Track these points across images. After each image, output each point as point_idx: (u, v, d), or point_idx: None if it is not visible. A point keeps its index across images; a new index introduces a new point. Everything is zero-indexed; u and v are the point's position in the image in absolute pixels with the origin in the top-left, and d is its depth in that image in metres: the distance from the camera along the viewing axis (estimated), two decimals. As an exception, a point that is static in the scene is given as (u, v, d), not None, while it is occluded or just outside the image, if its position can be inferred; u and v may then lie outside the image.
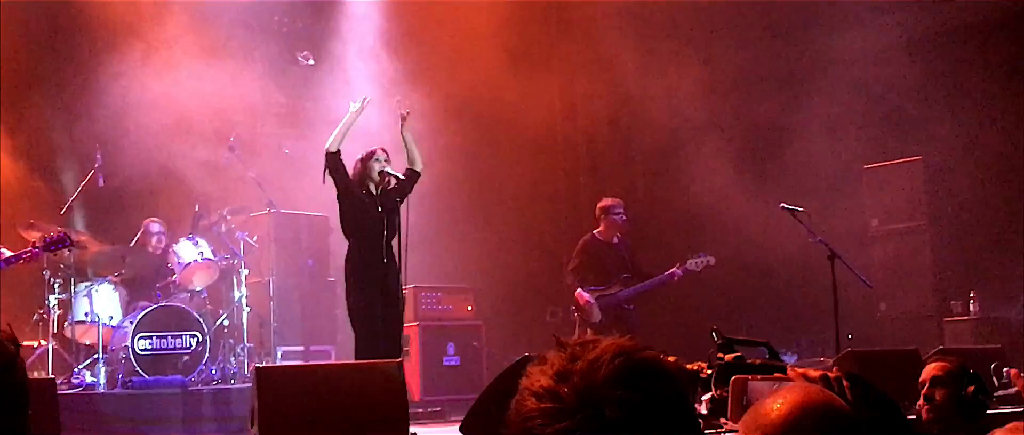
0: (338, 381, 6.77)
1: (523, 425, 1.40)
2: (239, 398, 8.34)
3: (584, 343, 1.44)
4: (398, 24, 12.07)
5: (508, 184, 12.56)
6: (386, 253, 7.97)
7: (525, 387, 1.43)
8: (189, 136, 10.32)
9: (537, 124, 12.72)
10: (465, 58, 11.60)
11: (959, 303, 10.72)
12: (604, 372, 1.38)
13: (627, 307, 10.01)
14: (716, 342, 5.66)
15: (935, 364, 4.44)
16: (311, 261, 11.16)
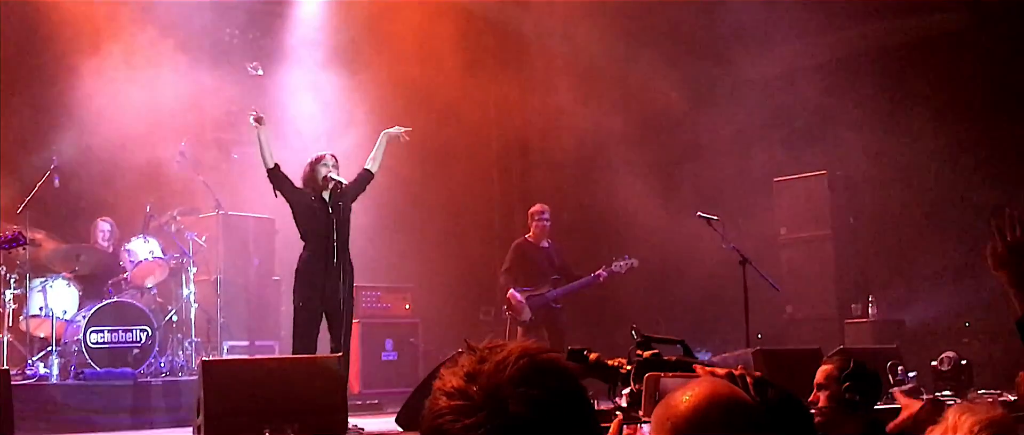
0: (281, 374, 6.74)
1: (434, 422, 1.41)
2: (186, 389, 8.26)
3: (492, 347, 1.45)
4: (342, 37, 12.03)
5: (445, 189, 12.54)
6: (334, 255, 7.90)
7: (437, 387, 1.44)
8: (142, 140, 10.19)
9: (473, 133, 12.73)
10: (405, 68, 11.57)
11: (859, 306, 10.91)
12: (509, 372, 1.39)
13: (556, 306, 10.04)
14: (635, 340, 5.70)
15: (821, 368, 4.49)
16: (257, 260, 11.08)
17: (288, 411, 6.24)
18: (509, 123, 13.83)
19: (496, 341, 1.48)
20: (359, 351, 10.52)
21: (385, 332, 11.03)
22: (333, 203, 8.01)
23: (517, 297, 9.94)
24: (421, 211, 12.27)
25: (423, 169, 11.92)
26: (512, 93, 13.41)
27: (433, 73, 11.61)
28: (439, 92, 11.67)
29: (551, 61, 12.62)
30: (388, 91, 11.51)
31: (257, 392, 6.36)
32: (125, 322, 9.06)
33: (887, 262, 11.36)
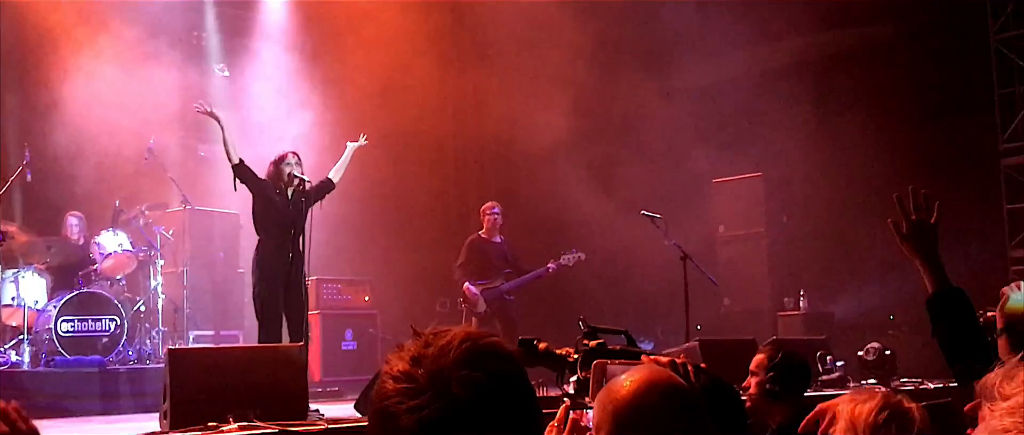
0: (245, 362, 6.68)
1: (382, 404, 1.39)
2: (154, 377, 8.16)
3: (436, 332, 1.45)
4: (305, 39, 11.99)
5: (404, 188, 12.53)
6: (292, 248, 7.88)
7: (385, 371, 1.43)
8: (112, 137, 10.10)
9: (431, 133, 12.73)
10: (366, 70, 11.52)
11: (791, 300, 11.04)
12: (453, 356, 1.39)
13: (508, 298, 10.08)
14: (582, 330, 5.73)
15: (756, 358, 4.55)
16: (222, 254, 11.01)
17: (251, 397, 6.19)
18: (466, 125, 13.85)
19: (440, 327, 1.47)
20: (320, 341, 10.52)
21: (345, 323, 11.01)
22: (294, 200, 7.99)
23: (472, 290, 9.96)
24: (381, 208, 12.25)
25: (384, 168, 11.89)
26: (469, 97, 13.44)
27: (395, 75, 11.59)
28: (400, 94, 11.66)
29: (506, 67, 12.63)
30: (350, 92, 11.49)
31: (221, 379, 6.29)
32: (94, 312, 8.97)
33: (818, 258, 11.50)
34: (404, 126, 12.01)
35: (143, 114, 10.39)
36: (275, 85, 11.84)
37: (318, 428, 5.95)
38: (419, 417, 1.36)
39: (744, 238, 11.53)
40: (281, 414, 6.12)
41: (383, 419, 1.39)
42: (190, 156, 11.34)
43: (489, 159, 13.86)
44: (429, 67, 11.93)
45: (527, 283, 10.13)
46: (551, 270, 9.99)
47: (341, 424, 6.20)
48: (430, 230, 13.12)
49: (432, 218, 13.32)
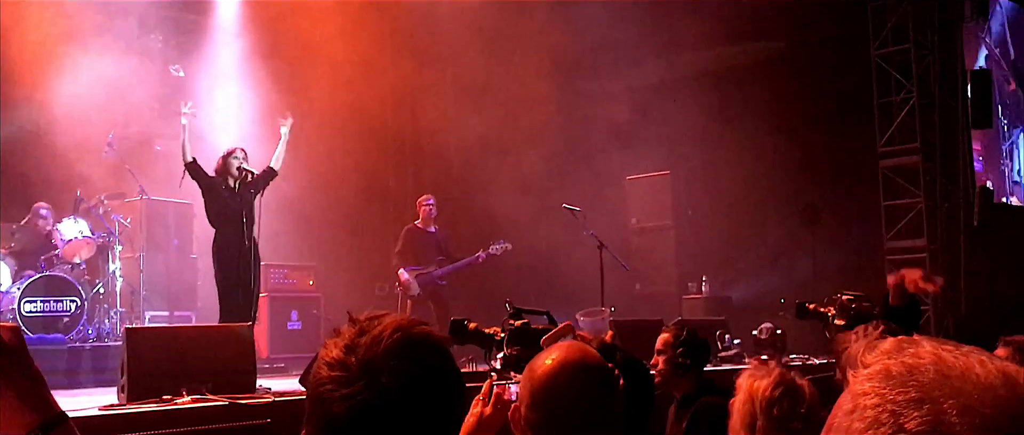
0: (197, 340, 6.60)
1: (317, 389, 1.35)
2: (112, 354, 8.01)
3: (371, 319, 1.40)
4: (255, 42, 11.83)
5: (347, 180, 12.42)
6: (246, 237, 7.82)
7: (321, 356, 1.38)
8: (75, 131, 9.88)
9: (373, 128, 12.65)
10: (313, 69, 11.41)
11: (694, 284, 11.19)
12: (384, 346, 1.34)
13: (441, 283, 10.07)
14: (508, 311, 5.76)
15: (661, 337, 4.62)
16: (176, 240, 10.83)
17: (203, 372, 6.10)
18: (404, 122, 13.81)
19: (375, 313, 1.43)
20: (268, 321, 10.43)
21: (291, 304, 10.93)
22: (242, 191, 7.93)
23: (406, 275, 9.94)
24: (325, 200, 12.16)
25: (327, 163, 11.81)
26: (407, 95, 13.37)
27: (339, 72, 11.47)
28: (343, 90, 11.54)
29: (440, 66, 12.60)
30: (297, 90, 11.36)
31: (176, 356, 6.20)
32: (56, 293, 8.79)
33: (718, 248, 11.69)
34: (347, 123, 11.92)
35: (104, 109, 10.19)
36: (225, 84, 11.68)
37: (265, 401, 5.91)
38: (350, 404, 1.32)
39: (653, 230, 11.66)
40: (231, 388, 6.06)
41: (317, 403, 1.36)
42: (147, 150, 11.17)
43: (425, 154, 13.82)
44: (370, 63, 11.84)
45: (459, 269, 10.14)
46: (481, 258, 10.02)
47: (287, 397, 6.16)
48: (370, 220, 13.08)
49: (372, 209, 13.26)
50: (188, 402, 5.67)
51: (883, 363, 0.88)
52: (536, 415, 1.97)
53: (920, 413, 0.82)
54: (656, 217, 11.62)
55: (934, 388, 0.83)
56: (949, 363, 0.85)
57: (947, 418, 0.81)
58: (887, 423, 0.83)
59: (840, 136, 11.38)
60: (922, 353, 0.87)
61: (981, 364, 0.85)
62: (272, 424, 5.66)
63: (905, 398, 0.83)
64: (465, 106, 12.28)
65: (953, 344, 0.88)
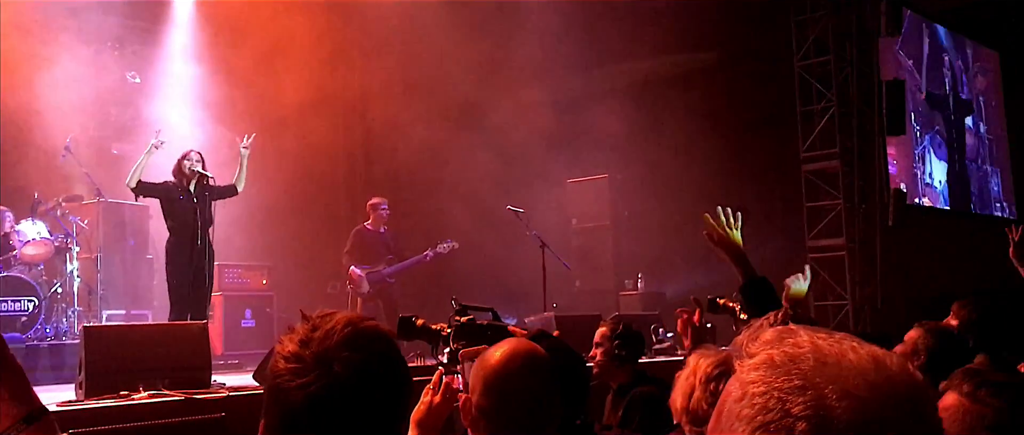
0: (154, 338, 6.50)
1: (274, 381, 1.39)
2: (70, 352, 7.88)
3: (323, 315, 1.44)
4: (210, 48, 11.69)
5: (299, 182, 12.30)
6: (199, 238, 7.71)
7: (277, 351, 1.42)
8: (33, 135, 9.68)
9: (326, 134, 12.54)
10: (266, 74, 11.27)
11: (631, 281, 11.27)
12: (336, 338, 1.39)
13: (389, 281, 10.03)
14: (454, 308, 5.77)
15: (598, 330, 4.69)
16: (132, 241, 10.65)
17: (160, 369, 6.03)
18: (354, 125, 13.73)
19: (327, 310, 1.47)
20: (222, 319, 10.30)
21: (245, 303, 10.79)
22: (197, 194, 7.82)
23: (357, 273, 9.89)
24: (278, 201, 12.03)
25: (280, 165, 11.70)
26: (358, 101, 13.31)
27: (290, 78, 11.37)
28: (296, 96, 11.44)
29: (391, 74, 12.54)
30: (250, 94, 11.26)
31: (132, 353, 6.10)
32: (14, 293, 8.61)
33: (653, 247, 11.79)
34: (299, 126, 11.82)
35: (63, 115, 10.00)
36: (179, 91, 11.52)
37: (220, 396, 5.86)
38: (306, 393, 1.35)
39: (593, 229, 11.74)
40: (187, 384, 5.99)
41: (275, 394, 1.39)
42: (103, 154, 10.97)
43: (375, 157, 13.77)
44: (321, 68, 11.76)
45: (407, 268, 10.11)
46: (429, 257, 10.00)
47: (241, 392, 6.12)
48: (322, 221, 12.96)
49: (324, 210, 13.16)
50: (145, 397, 5.60)
51: (767, 353, 0.92)
52: (488, 401, 2.02)
53: (804, 398, 0.86)
54: (595, 218, 11.70)
55: (815, 375, 0.88)
56: (825, 351, 0.90)
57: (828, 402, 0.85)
58: (774, 409, 0.87)
59: (766, 142, 11.57)
60: (801, 342, 0.92)
61: (853, 350, 0.90)
62: (227, 418, 5.62)
63: (789, 385, 0.88)
64: (414, 110, 12.25)
65: (826, 332, 0.93)
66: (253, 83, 11.33)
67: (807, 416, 0.85)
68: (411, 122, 12.28)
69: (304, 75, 11.53)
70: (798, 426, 0.85)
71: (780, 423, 0.86)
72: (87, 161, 10.00)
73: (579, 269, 11.30)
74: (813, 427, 0.84)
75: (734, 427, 0.89)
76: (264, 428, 1.42)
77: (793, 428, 0.85)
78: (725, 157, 11.30)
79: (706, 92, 11.76)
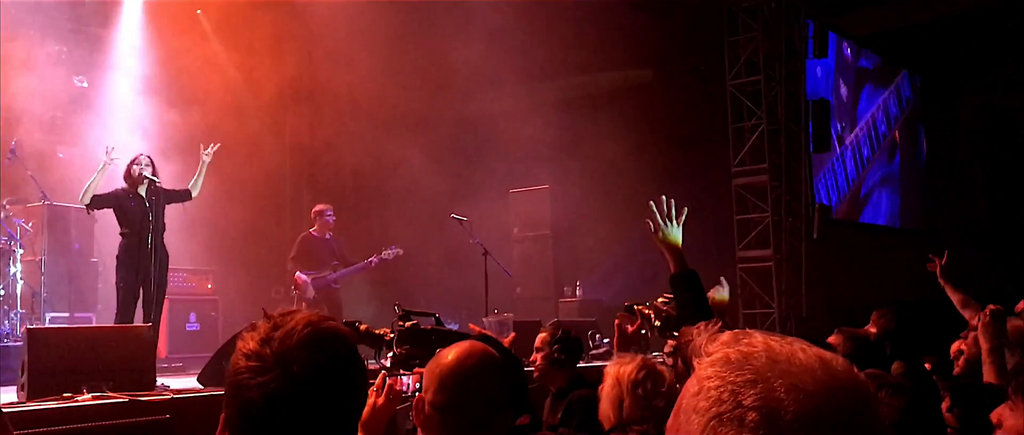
0: (99, 340, 6.35)
1: (235, 378, 1.39)
2: (12, 353, 7.62)
3: (284, 315, 1.45)
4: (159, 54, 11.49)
5: (245, 186, 12.11)
6: (150, 242, 7.57)
7: (239, 348, 1.42)
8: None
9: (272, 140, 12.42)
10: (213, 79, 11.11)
11: (569, 289, 11.35)
12: (296, 338, 1.39)
13: (335, 286, 9.95)
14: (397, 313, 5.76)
15: (539, 336, 4.73)
16: (77, 245, 10.38)
17: (104, 371, 5.90)
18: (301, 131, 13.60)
19: (289, 309, 1.48)
20: (167, 322, 10.07)
21: (190, 307, 10.61)
22: (148, 198, 7.69)
23: (303, 278, 9.79)
24: (224, 206, 11.85)
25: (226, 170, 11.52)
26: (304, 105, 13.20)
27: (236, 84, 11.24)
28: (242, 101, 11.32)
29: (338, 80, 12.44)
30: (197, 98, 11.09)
31: (77, 355, 5.96)
32: (-45, 295, 8.32)
33: (591, 256, 11.89)
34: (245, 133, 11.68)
35: (8, 119, 9.74)
36: (131, 96, 11.30)
37: (165, 397, 5.75)
38: (264, 391, 1.36)
39: (533, 238, 11.80)
40: (131, 386, 5.88)
41: (235, 390, 1.39)
42: (49, 157, 10.69)
43: (321, 164, 13.66)
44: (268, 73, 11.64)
45: (352, 274, 10.04)
46: (373, 263, 9.94)
47: (185, 394, 6.02)
48: (267, 226, 12.80)
49: (269, 216, 12.99)
50: (88, 399, 5.48)
51: (723, 351, 0.97)
52: (442, 398, 2.04)
53: (755, 391, 0.91)
54: (536, 227, 11.77)
55: (766, 370, 0.92)
56: (776, 350, 0.95)
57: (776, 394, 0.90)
58: (728, 401, 0.91)
59: (698, 156, 11.76)
60: (754, 342, 0.96)
61: (802, 351, 0.95)
62: (172, 420, 5.53)
63: (742, 379, 0.92)
64: (359, 118, 12.19)
65: (779, 335, 0.98)
66: (200, 88, 11.17)
67: (757, 406, 0.89)
68: (356, 130, 12.22)
69: (250, 80, 11.41)
70: (749, 415, 0.89)
71: (733, 413, 0.90)
72: (33, 164, 9.75)
73: (520, 276, 11.35)
74: (763, 417, 0.89)
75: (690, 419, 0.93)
76: (223, 423, 1.42)
77: (744, 418, 0.89)
78: (660, 170, 11.44)
79: (642, 107, 11.91)
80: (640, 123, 11.77)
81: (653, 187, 11.28)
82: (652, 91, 12.16)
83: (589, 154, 11.80)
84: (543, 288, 11.56)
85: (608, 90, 12.30)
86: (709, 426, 0.91)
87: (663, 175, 11.38)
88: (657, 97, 12.07)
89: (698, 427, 0.92)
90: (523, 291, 11.59)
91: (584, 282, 11.32)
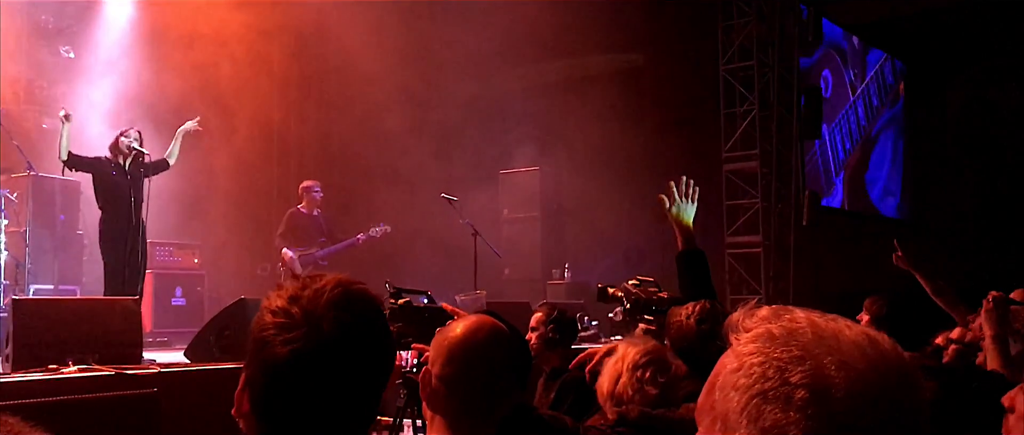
0: (85, 312, 6.27)
1: (260, 334, 1.37)
2: (-3, 325, 7.55)
3: (312, 276, 1.44)
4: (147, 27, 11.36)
5: (232, 161, 12.02)
6: (133, 215, 7.50)
7: (264, 306, 1.40)
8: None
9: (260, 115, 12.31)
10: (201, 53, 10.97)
11: (558, 271, 11.36)
12: (326, 297, 1.37)
13: (322, 264, 9.89)
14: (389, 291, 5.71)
15: (535, 316, 4.73)
16: (63, 216, 10.26)
17: (91, 343, 5.83)
18: (290, 108, 13.52)
19: (316, 272, 1.46)
20: (152, 296, 10.03)
21: (175, 281, 10.53)
22: (132, 171, 7.62)
23: (289, 254, 9.73)
24: (210, 181, 11.79)
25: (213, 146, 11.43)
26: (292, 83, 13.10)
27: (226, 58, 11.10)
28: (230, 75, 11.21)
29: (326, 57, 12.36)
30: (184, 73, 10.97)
31: (63, 327, 5.88)
32: (-63, 266, 8.21)
33: (580, 238, 11.89)
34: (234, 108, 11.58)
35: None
36: (118, 68, 11.17)
37: (152, 371, 5.69)
38: (292, 347, 1.34)
39: (523, 220, 11.78)
40: (118, 359, 5.81)
41: (260, 346, 1.37)
42: (35, 127, 10.57)
43: (309, 141, 13.58)
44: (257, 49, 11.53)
45: (340, 251, 9.99)
46: (361, 240, 9.90)
47: (173, 368, 5.97)
48: (254, 202, 12.74)
49: (256, 192, 12.93)
50: (74, 371, 5.41)
51: (765, 327, 0.92)
52: (450, 371, 2.00)
53: (803, 368, 0.87)
54: (525, 209, 11.74)
55: (813, 347, 0.88)
56: (822, 326, 0.91)
57: (827, 371, 0.86)
58: (773, 377, 0.87)
59: (689, 140, 11.73)
60: (797, 318, 0.92)
61: (848, 327, 0.91)
62: (158, 393, 5.47)
63: (788, 355, 0.88)
64: (349, 95, 12.11)
65: (819, 312, 0.94)
66: (188, 62, 11.04)
67: (806, 384, 0.85)
68: (346, 106, 12.15)
69: (240, 56, 11.29)
70: (797, 393, 0.85)
71: (779, 390, 0.86)
72: (18, 133, 9.63)
73: (509, 257, 11.32)
74: (812, 395, 0.85)
75: (729, 396, 0.89)
76: (245, 381, 1.40)
77: (792, 395, 0.85)
78: (650, 154, 11.43)
79: (634, 91, 11.89)
80: (631, 106, 11.76)
81: (643, 171, 11.38)
82: (643, 75, 12.14)
83: (579, 137, 11.78)
84: (531, 270, 11.56)
85: (600, 73, 12.26)
86: (751, 403, 0.88)
87: (653, 159, 11.37)
88: (648, 81, 12.05)
89: (739, 405, 0.89)
90: (511, 272, 11.58)
91: (573, 264, 11.31)
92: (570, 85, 12.41)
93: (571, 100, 12.10)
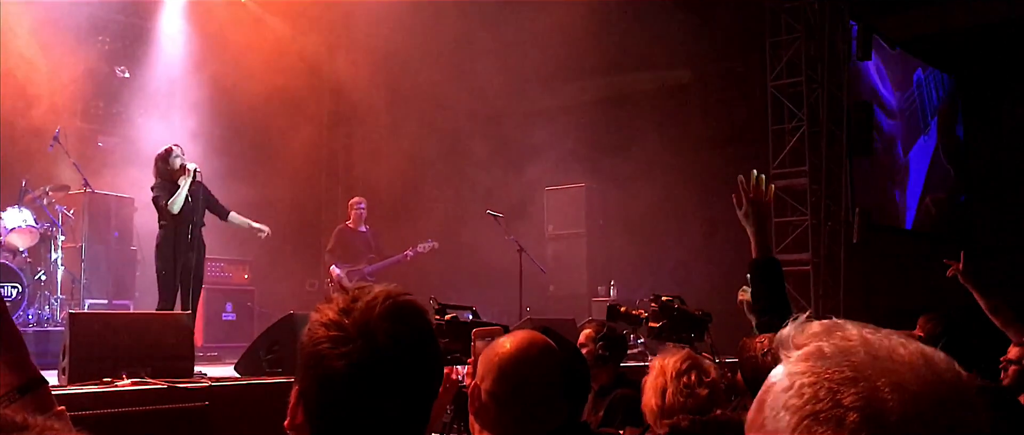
0: (138, 326, 6.39)
1: (313, 348, 1.37)
2: (53, 338, 7.72)
3: (362, 288, 1.44)
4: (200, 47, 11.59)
5: (283, 181, 12.20)
6: (192, 233, 7.58)
7: (315, 319, 1.40)
8: (22, 125, 9.53)
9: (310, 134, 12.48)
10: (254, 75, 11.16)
11: (603, 288, 11.27)
12: (378, 310, 1.38)
13: (369, 279, 9.96)
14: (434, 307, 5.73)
15: (584, 332, 4.71)
16: (117, 232, 10.48)
17: (143, 357, 5.93)
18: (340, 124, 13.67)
19: (363, 284, 1.47)
20: (203, 311, 10.15)
21: (226, 296, 10.71)
22: (191, 190, 7.68)
23: (337, 271, 9.83)
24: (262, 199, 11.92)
25: (265, 164, 11.61)
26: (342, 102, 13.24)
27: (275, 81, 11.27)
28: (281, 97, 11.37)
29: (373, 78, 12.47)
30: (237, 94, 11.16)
31: (116, 340, 5.99)
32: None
33: (625, 255, 11.81)
34: (286, 129, 11.76)
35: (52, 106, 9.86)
36: (168, 89, 11.39)
37: (203, 385, 5.77)
38: (349, 361, 1.34)
39: (568, 236, 11.74)
40: (169, 373, 5.90)
41: (314, 361, 1.37)
42: (90, 145, 10.83)
43: (356, 162, 13.70)
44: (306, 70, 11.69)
45: (388, 267, 10.06)
46: (409, 256, 9.96)
47: (224, 382, 6.04)
48: (304, 218, 12.91)
49: (306, 209, 13.08)
50: (128, 384, 5.51)
51: (816, 344, 0.90)
52: (500, 388, 1.99)
53: (856, 389, 0.84)
54: (571, 225, 11.71)
55: (866, 367, 0.85)
56: (875, 345, 0.88)
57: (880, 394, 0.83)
58: (825, 399, 0.85)
59: (736, 157, 11.58)
60: (850, 335, 0.89)
61: (903, 346, 0.88)
62: (209, 407, 5.54)
63: (841, 376, 0.85)
64: (396, 114, 12.22)
65: (872, 327, 0.91)
66: (238, 84, 11.23)
67: (859, 407, 0.82)
68: (393, 125, 12.25)
69: (289, 78, 11.45)
70: (849, 417, 0.82)
71: (831, 413, 0.83)
72: (74, 152, 9.87)
73: (553, 274, 11.29)
74: (865, 418, 0.82)
75: (779, 416, 0.86)
76: (297, 394, 1.40)
77: (844, 418, 0.82)
78: (696, 171, 11.35)
79: (681, 108, 11.82)
80: (678, 123, 11.69)
81: (689, 188, 11.29)
82: (690, 91, 12.06)
83: (626, 154, 11.73)
84: (576, 287, 11.50)
85: (646, 90, 12.21)
86: (802, 425, 0.85)
87: (700, 176, 11.29)
88: (695, 97, 11.97)
89: (789, 426, 0.86)
90: (556, 289, 11.53)
91: (618, 282, 11.23)
92: (617, 102, 12.39)
93: (618, 117, 12.07)
